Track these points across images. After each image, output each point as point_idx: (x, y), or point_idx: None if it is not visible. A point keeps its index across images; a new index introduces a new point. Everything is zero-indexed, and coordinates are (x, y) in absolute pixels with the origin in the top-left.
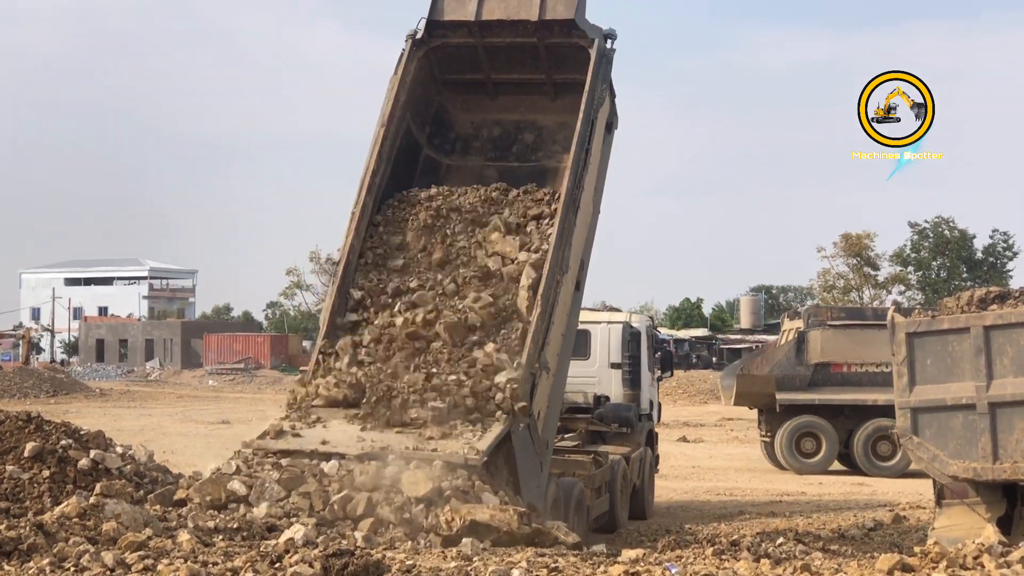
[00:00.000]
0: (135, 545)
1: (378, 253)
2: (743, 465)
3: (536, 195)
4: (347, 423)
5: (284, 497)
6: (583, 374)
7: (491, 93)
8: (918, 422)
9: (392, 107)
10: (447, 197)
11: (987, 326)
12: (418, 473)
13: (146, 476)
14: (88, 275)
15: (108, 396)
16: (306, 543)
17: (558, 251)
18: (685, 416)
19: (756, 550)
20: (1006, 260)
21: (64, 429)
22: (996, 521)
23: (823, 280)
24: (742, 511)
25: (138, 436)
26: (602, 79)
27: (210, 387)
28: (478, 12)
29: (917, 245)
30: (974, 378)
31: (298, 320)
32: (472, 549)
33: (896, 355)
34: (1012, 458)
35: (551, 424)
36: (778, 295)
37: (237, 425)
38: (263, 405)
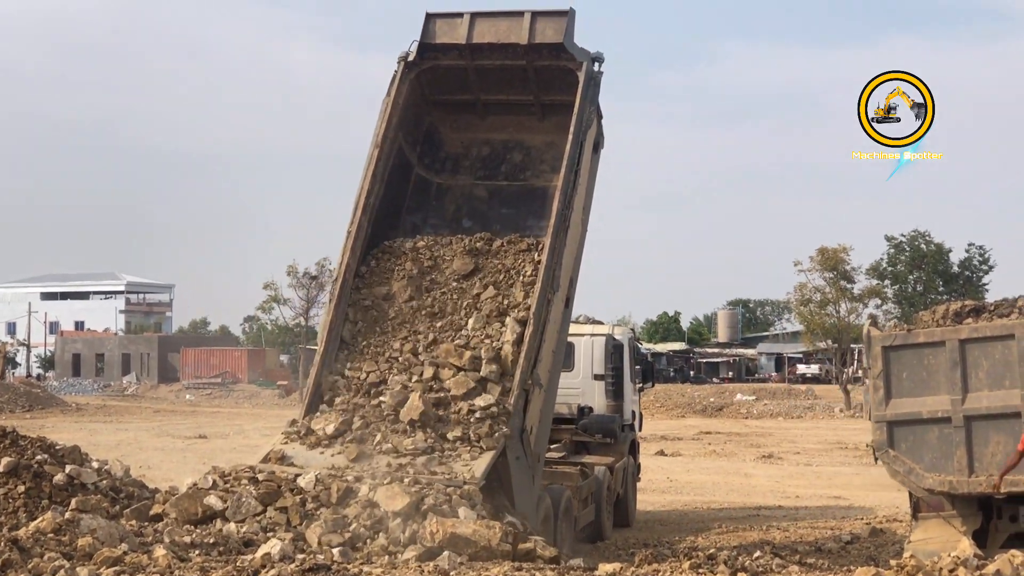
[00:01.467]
0: (111, 560)
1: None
2: (720, 479)
3: (520, 245)
4: (340, 448)
5: (261, 512)
6: (567, 385)
7: (480, 113)
8: (894, 435)
9: (385, 128)
10: (431, 248)
11: (963, 340)
12: (395, 487)
13: (122, 491)
14: (64, 289)
15: (84, 411)
16: (283, 558)
17: (548, 271)
18: (663, 429)
19: (733, 564)
20: (982, 274)
21: (40, 444)
22: (972, 534)
23: (800, 294)
24: (719, 524)
25: (114, 451)
26: (590, 101)
27: (187, 401)
28: (469, 35)
29: (893, 259)
30: (950, 391)
31: (275, 334)
32: (449, 563)
33: (872, 368)
34: (987, 471)
35: (543, 438)
36: (755, 309)
37: (214, 440)
38: (240, 419)
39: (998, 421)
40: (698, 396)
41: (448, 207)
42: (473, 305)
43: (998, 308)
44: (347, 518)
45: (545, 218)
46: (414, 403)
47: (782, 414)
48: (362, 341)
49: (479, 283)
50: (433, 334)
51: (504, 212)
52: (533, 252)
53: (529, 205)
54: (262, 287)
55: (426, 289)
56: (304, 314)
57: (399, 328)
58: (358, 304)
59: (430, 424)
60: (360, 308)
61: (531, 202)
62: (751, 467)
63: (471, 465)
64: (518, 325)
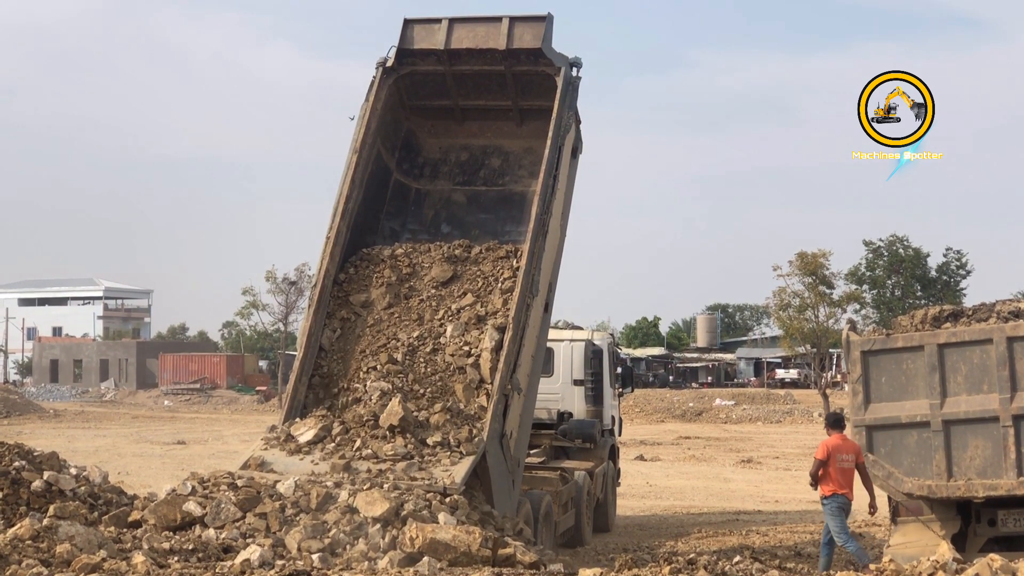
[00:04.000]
0: (89, 567)
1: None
2: (699, 483)
3: (498, 252)
4: (319, 454)
5: (240, 518)
6: (547, 390)
7: (458, 119)
8: (873, 440)
9: (364, 134)
10: (410, 255)
11: (941, 344)
12: (375, 493)
13: (100, 497)
14: (42, 295)
15: (62, 417)
16: (262, 564)
17: (528, 275)
18: (642, 434)
19: (713, 568)
20: (959, 279)
21: (17, 450)
22: (951, 538)
23: (779, 299)
24: (699, 529)
25: (92, 457)
26: (568, 106)
27: (165, 407)
28: (447, 41)
29: (872, 263)
30: (928, 396)
31: (254, 340)
32: (429, 569)
33: (851, 373)
34: (966, 475)
35: (523, 443)
36: (734, 314)
37: (193, 446)
38: (219, 425)
39: (976, 425)
40: (677, 401)
41: (427, 212)
42: (452, 312)
43: (976, 313)
44: (327, 524)
45: (524, 223)
46: (393, 409)
47: (761, 419)
48: (341, 347)
49: (458, 290)
50: (412, 341)
51: (483, 217)
52: (512, 259)
53: (508, 210)
54: (241, 292)
55: (405, 296)
56: (283, 320)
57: (378, 335)
58: (337, 311)
59: (410, 430)
60: (339, 315)
61: (510, 207)
62: (730, 472)
63: (451, 470)
64: (496, 332)
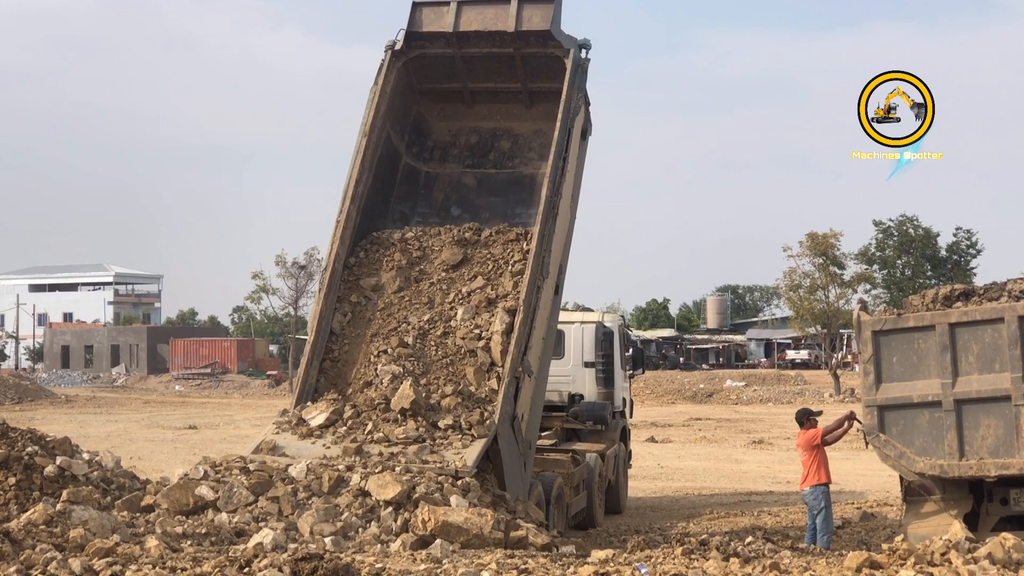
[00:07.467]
0: (103, 551)
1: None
2: (711, 465)
3: (508, 235)
4: (331, 438)
5: (252, 502)
6: (558, 373)
7: (468, 101)
8: (885, 420)
9: (373, 117)
10: (420, 238)
11: (952, 323)
12: (386, 476)
13: (113, 482)
14: (53, 281)
15: (74, 402)
16: (275, 547)
17: (538, 257)
18: (653, 416)
19: (725, 549)
20: (970, 258)
21: (30, 436)
22: (963, 517)
23: (789, 280)
24: (711, 510)
25: (104, 442)
26: (577, 88)
27: (176, 392)
28: (456, 23)
29: (882, 244)
30: (940, 375)
31: (264, 324)
32: (442, 551)
33: (862, 353)
34: (978, 454)
35: (534, 425)
36: (744, 295)
37: (204, 430)
38: (230, 410)
39: (988, 404)
40: (688, 383)
41: (436, 196)
42: (462, 295)
43: (987, 292)
44: (339, 507)
45: (534, 205)
46: (405, 392)
47: (772, 400)
48: (352, 331)
49: (468, 273)
50: (422, 325)
51: (492, 200)
52: (522, 242)
53: (517, 193)
54: (251, 277)
55: (415, 280)
56: (293, 304)
57: (389, 319)
58: (348, 295)
59: (421, 413)
60: (350, 299)
61: (519, 190)
62: (741, 453)
63: (462, 453)
64: (507, 315)
